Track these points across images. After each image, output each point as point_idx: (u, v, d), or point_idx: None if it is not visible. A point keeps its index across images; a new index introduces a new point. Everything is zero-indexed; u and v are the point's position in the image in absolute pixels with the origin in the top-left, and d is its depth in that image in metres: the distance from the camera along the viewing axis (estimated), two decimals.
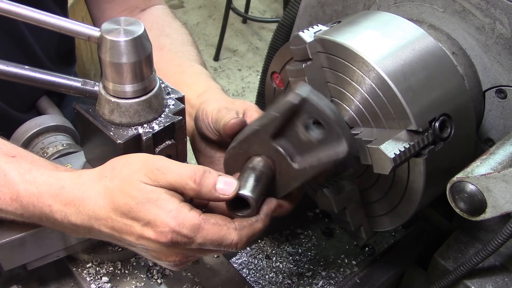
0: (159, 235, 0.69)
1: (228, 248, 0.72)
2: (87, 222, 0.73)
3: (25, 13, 0.77)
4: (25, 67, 0.79)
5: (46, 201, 0.74)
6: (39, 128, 1.03)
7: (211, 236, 0.70)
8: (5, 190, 0.75)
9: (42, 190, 0.75)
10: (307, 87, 0.71)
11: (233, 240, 0.71)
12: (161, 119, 0.81)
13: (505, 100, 0.91)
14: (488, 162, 0.74)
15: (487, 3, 0.88)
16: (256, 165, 0.78)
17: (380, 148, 0.74)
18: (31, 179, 0.75)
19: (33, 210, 0.75)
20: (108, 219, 0.72)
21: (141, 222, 0.70)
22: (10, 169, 0.76)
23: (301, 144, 0.74)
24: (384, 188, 0.86)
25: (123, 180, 0.72)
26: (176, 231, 0.69)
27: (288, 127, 0.74)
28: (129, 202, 0.70)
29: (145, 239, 0.71)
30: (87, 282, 0.90)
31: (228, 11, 3.94)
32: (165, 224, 0.69)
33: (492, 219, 0.73)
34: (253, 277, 1.06)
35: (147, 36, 0.75)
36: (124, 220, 0.71)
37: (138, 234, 0.71)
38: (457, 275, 0.89)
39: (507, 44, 0.88)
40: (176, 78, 1.03)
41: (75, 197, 0.74)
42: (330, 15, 1.13)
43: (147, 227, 0.70)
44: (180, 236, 0.69)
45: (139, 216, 0.70)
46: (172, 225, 0.69)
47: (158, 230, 0.69)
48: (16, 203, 0.75)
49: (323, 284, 1.05)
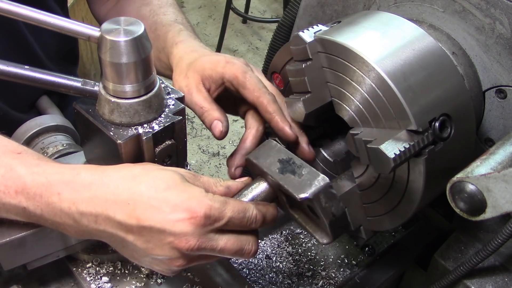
0: (192, 213, 0.70)
1: (250, 223, 0.75)
2: (101, 207, 0.71)
3: (25, 13, 0.77)
4: (25, 67, 0.79)
5: (56, 189, 0.73)
6: (39, 128, 1.03)
7: (237, 208, 0.74)
8: (10, 183, 0.74)
9: (52, 179, 0.74)
10: (323, 183, 0.73)
11: (253, 213, 0.75)
12: (161, 119, 0.81)
13: (505, 100, 0.91)
14: (488, 162, 0.74)
15: (487, 3, 0.88)
16: (261, 187, 0.81)
17: (380, 148, 0.74)
18: (39, 171, 0.75)
19: (39, 201, 0.74)
20: (130, 201, 0.70)
21: (170, 203, 0.70)
22: (17, 164, 0.75)
23: (302, 206, 0.77)
24: (384, 188, 0.86)
25: (149, 167, 0.75)
26: (209, 206, 0.70)
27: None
28: (158, 185, 0.71)
29: (174, 222, 0.70)
30: (87, 282, 0.90)
31: (228, 11, 3.94)
32: (198, 201, 0.70)
33: (492, 219, 0.73)
34: (253, 277, 1.06)
35: (147, 36, 0.75)
36: (151, 202, 0.70)
37: (165, 217, 0.70)
38: (457, 275, 0.89)
39: (507, 44, 0.88)
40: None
41: (93, 180, 0.73)
42: (330, 15, 1.13)
43: (178, 209, 0.70)
44: (213, 209, 0.71)
45: (168, 198, 0.70)
46: (206, 200, 0.71)
47: (192, 208, 0.70)
48: (21, 196, 0.74)
49: (323, 284, 1.05)
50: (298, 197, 0.71)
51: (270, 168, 0.77)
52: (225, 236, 0.74)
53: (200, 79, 0.94)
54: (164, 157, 0.83)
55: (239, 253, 0.75)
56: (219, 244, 0.73)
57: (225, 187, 0.80)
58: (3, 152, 0.77)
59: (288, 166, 0.76)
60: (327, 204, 0.71)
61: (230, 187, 0.81)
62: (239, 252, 0.75)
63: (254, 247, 0.77)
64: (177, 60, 1.02)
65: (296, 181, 0.73)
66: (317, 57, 0.85)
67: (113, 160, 0.79)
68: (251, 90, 0.90)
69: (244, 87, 0.91)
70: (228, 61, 0.93)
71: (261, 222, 0.77)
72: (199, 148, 3.42)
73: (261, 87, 0.91)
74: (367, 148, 0.78)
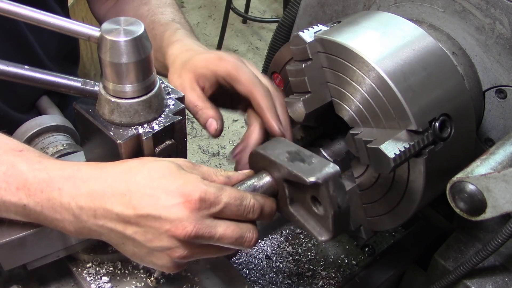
0: (187, 196, 0.70)
1: (247, 212, 0.74)
2: (99, 201, 0.72)
3: (25, 13, 0.77)
4: (25, 67, 0.79)
5: (56, 185, 0.73)
6: (39, 128, 1.03)
7: (234, 194, 0.73)
8: (12, 180, 0.74)
9: (53, 175, 0.74)
10: (333, 170, 0.72)
11: (250, 201, 0.75)
12: (161, 119, 0.81)
13: (505, 100, 0.91)
14: (488, 162, 0.74)
15: (487, 3, 0.88)
16: (263, 181, 0.81)
17: (380, 148, 0.74)
18: (41, 167, 0.75)
19: (40, 197, 0.74)
20: (127, 192, 0.71)
21: (165, 190, 0.70)
22: (18, 161, 0.75)
23: (304, 200, 0.76)
24: (384, 188, 0.86)
25: (146, 160, 0.75)
26: (204, 190, 0.70)
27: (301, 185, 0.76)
28: (153, 175, 0.71)
29: (169, 207, 0.70)
30: (87, 282, 0.90)
31: (228, 11, 3.94)
32: (193, 185, 0.70)
33: (492, 219, 0.73)
34: (253, 277, 1.06)
35: (147, 36, 0.75)
36: (146, 190, 0.71)
37: (161, 203, 0.70)
38: (457, 275, 0.89)
39: (507, 44, 0.88)
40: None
41: (92, 176, 0.73)
42: (330, 15, 1.13)
43: (172, 195, 0.70)
44: (208, 193, 0.71)
45: (163, 185, 0.70)
46: (201, 185, 0.71)
47: (187, 192, 0.70)
48: (22, 192, 0.74)
49: (323, 284, 1.05)
50: (307, 180, 0.70)
51: (279, 157, 0.77)
52: (224, 223, 0.73)
53: (193, 78, 0.94)
54: (164, 157, 0.83)
55: (239, 241, 0.74)
56: (218, 230, 0.72)
57: (225, 177, 0.79)
58: (5, 150, 0.77)
59: (297, 156, 0.76)
60: (334, 193, 0.70)
61: (230, 177, 0.80)
62: (239, 240, 0.74)
63: (254, 235, 0.76)
64: (172, 59, 1.02)
65: (305, 167, 0.73)
66: (317, 57, 0.85)
67: (113, 160, 0.79)
68: (244, 85, 0.90)
69: (238, 81, 0.91)
70: (220, 58, 0.93)
71: (259, 213, 0.76)
72: (199, 148, 3.42)
73: (255, 81, 0.91)
74: (367, 148, 0.78)
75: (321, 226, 0.75)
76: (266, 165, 0.80)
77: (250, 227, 0.75)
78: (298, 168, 0.73)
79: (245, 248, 0.76)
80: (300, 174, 0.72)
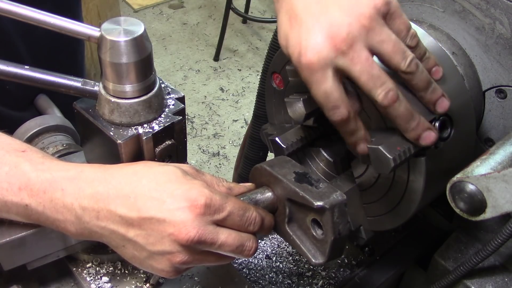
0: (193, 201, 0.70)
1: (249, 223, 0.75)
2: (103, 202, 0.72)
3: (25, 13, 0.77)
4: (25, 67, 0.79)
5: (60, 185, 0.73)
6: (39, 128, 1.03)
7: (238, 204, 0.74)
8: (14, 180, 0.74)
9: (57, 176, 0.74)
10: (341, 198, 0.73)
11: (253, 213, 0.75)
12: (161, 119, 0.81)
13: (505, 100, 0.91)
14: (488, 162, 0.74)
15: (487, 3, 0.88)
16: (265, 196, 0.81)
17: (380, 148, 0.74)
18: (44, 168, 0.75)
19: (42, 197, 0.73)
20: (131, 194, 0.71)
21: (171, 194, 0.70)
22: (21, 161, 0.75)
23: (303, 221, 0.77)
24: (384, 188, 0.86)
25: (151, 164, 0.75)
26: (210, 196, 0.71)
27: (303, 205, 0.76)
28: (159, 179, 0.71)
29: (174, 211, 0.70)
30: (87, 282, 0.90)
31: (228, 11, 3.94)
32: (199, 191, 0.71)
33: (492, 219, 0.73)
34: (253, 277, 1.06)
35: (147, 36, 0.75)
36: (152, 193, 0.71)
37: (166, 207, 0.70)
38: (457, 275, 0.89)
39: (507, 44, 0.88)
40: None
41: (96, 177, 0.73)
42: None
43: (178, 199, 0.70)
44: (214, 200, 0.71)
45: (169, 189, 0.70)
46: (206, 191, 0.71)
47: (193, 197, 0.70)
48: (25, 192, 0.74)
49: (323, 284, 1.05)
50: (315, 203, 0.71)
51: (286, 177, 0.77)
52: (226, 230, 0.73)
53: None
54: (164, 157, 0.83)
55: (239, 249, 0.75)
56: (220, 237, 0.72)
57: (227, 188, 0.80)
58: (7, 151, 0.77)
59: (304, 178, 0.77)
60: (338, 220, 0.72)
61: (232, 189, 0.81)
62: (239, 248, 0.75)
63: (254, 245, 0.76)
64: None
65: (313, 190, 0.74)
66: None
67: (113, 160, 0.79)
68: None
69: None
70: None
71: (259, 226, 0.77)
72: (199, 148, 3.42)
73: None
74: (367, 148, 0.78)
75: (316, 249, 0.75)
76: (270, 181, 0.80)
77: (251, 237, 0.76)
78: (306, 190, 0.74)
79: (244, 257, 0.77)
80: (307, 196, 0.73)
